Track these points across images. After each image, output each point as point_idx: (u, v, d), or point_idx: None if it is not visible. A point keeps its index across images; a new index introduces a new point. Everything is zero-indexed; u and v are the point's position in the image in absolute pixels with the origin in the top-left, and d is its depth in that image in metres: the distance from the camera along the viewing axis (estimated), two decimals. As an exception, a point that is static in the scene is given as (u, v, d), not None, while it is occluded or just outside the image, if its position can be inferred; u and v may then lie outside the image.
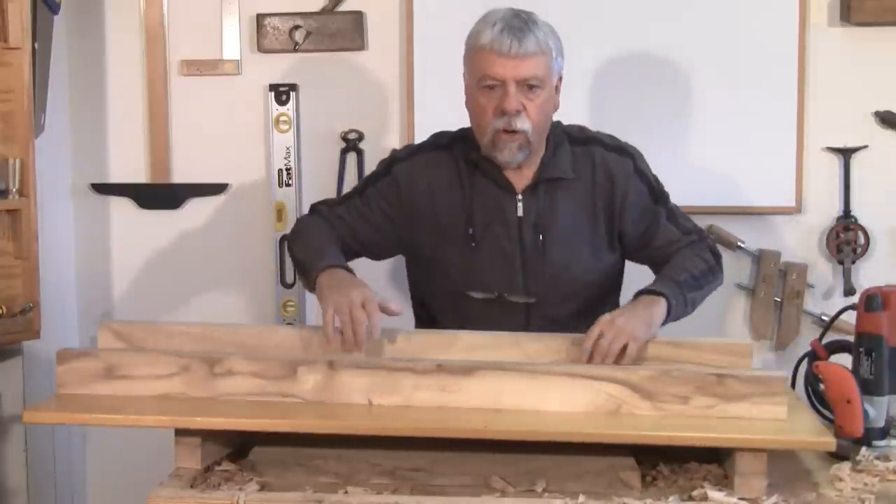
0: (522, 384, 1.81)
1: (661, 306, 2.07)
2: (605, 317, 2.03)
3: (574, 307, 2.25)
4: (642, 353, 2.01)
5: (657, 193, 2.29)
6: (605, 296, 2.33)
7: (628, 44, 2.93)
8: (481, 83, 2.14)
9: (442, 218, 2.25)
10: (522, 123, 2.13)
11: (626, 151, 2.29)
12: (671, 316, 2.09)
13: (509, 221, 2.23)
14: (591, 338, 1.99)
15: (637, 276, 2.38)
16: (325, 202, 2.38)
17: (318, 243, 2.21)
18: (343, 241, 2.26)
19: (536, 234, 2.22)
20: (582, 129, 2.32)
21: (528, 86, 2.12)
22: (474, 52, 2.15)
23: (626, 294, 2.36)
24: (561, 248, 2.23)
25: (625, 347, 1.98)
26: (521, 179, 2.23)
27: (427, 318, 2.35)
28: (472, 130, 2.23)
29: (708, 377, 1.79)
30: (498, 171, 2.22)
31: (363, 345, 1.96)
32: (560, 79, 2.22)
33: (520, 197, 2.22)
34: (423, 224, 2.26)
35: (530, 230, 2.22)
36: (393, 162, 2.31)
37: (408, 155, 2.32)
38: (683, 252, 2.24)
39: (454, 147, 2.27)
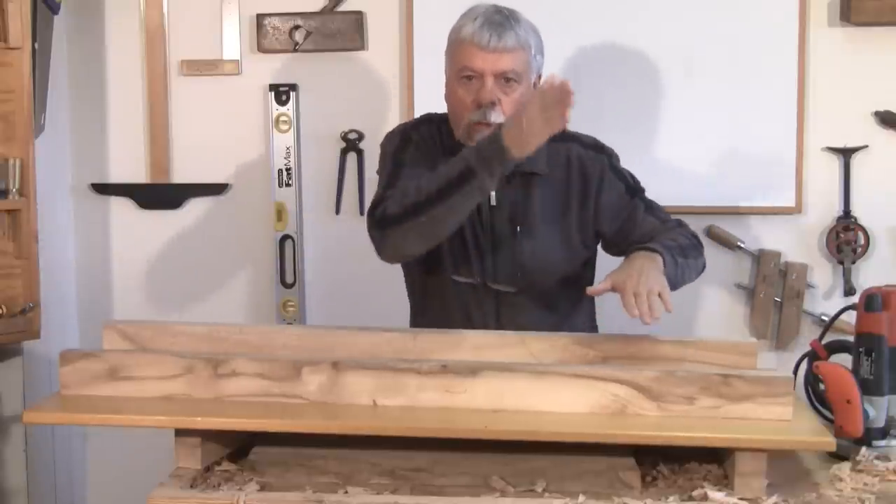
0: (527, 385, 1.81)
1: (658, 261, 2.08)
2: (622, 278, 2.01)
3: (545, 300, 2.27)
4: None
5: (633, 188, 2.30)
6: (575, 291, 2.32)
7: (628, 44, 2.93)
8: (460, 74, 2.17)
9: None
10: (497, 117, 2.14)
11: (602, 150, 2.31)
12: (665, 274, 2.08)
13: (482, 211, 2.24)
14: (632, 305, 1.97)
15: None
16: (376, 201, 2.20)
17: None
18: None
19: (512, 225, 2.24)
20: None
21: (505, 79, 2.15)
22: (455, 45, 2.19)
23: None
24: (533, 240, 2.24)
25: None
26: None
27: (416, 303, 2.37)
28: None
29: (713, 378, 1.79)
30: None
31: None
32: (539, 77, 2.23)
33: None
34: None
35: (504, 221, 2.24)
36: (406, 130, 2.30)
37: (415, 125, 2.32)
38: (665, 232, 2.24)
39: (442, 129, 2.29)
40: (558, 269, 2.28)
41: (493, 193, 2.22)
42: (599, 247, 2.36)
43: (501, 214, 2.24)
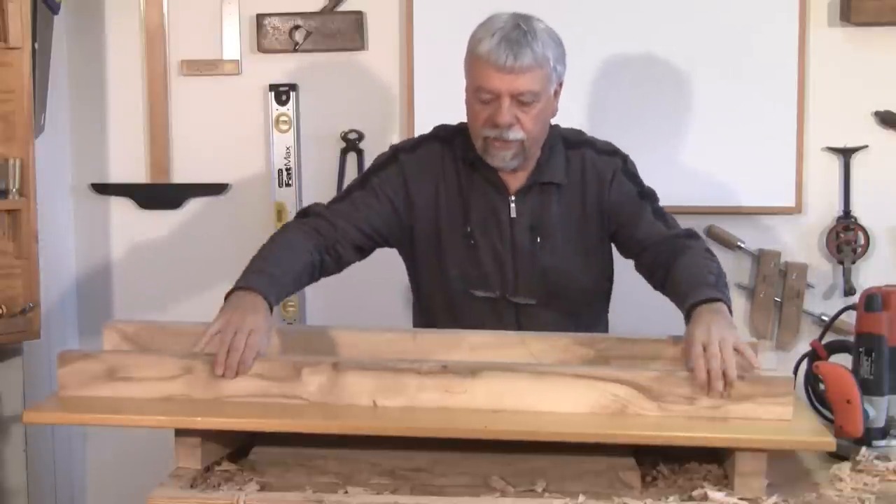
0: (528, 385, 1.80)
1: (724, 310, 1.95)
2: (689, 330, 1.89)
3: (565, 310, 2.26)
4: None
5: (645, 192, 2.27)
6: (595, 300, 2.34)
7: (629, 44, 2.93)
8: (477, 93, 2.14)
9: (442, 213, 2.25)
10: (515, 134, 2.13)
11: (616, 153, 2.29)
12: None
13: (502, 222, 2.23)
14: (701, 367, 1.79)
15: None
16: (320, 203, 2.31)
17: (271, 258, 2.16)
18: (347, 236, 2.21)
19: (533, 236, 2.23)
20: (578, 132, 2.32)
21: (521, 101, 2.11)
22: (472, 61, 2.15)
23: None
24: (553, 250, 2.23)
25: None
26: (514, 181, 2.23)
27: (426, 316, 2.34)
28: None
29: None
30: (493, 172, 2.22)
31: (231, 371, 1.84)
32: (560, 84, 2.20)
33: (512, 198, 2.23)
34: (424, 217, 2.25)
35: (525, 232, 2.23)
36: (397, 152, 2.29)
37: (412, 146, 2.30)
38: (690, 256, 2.13)
39: (454, 142, 2.27)
40: (580, 279, 2.26)
41: (512, 205, 2.22)
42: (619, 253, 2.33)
43: (522, 226, 2.23)
